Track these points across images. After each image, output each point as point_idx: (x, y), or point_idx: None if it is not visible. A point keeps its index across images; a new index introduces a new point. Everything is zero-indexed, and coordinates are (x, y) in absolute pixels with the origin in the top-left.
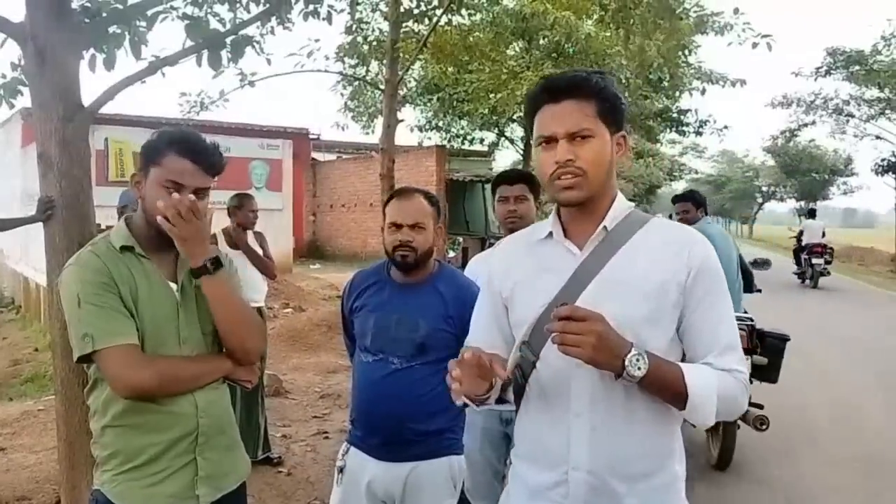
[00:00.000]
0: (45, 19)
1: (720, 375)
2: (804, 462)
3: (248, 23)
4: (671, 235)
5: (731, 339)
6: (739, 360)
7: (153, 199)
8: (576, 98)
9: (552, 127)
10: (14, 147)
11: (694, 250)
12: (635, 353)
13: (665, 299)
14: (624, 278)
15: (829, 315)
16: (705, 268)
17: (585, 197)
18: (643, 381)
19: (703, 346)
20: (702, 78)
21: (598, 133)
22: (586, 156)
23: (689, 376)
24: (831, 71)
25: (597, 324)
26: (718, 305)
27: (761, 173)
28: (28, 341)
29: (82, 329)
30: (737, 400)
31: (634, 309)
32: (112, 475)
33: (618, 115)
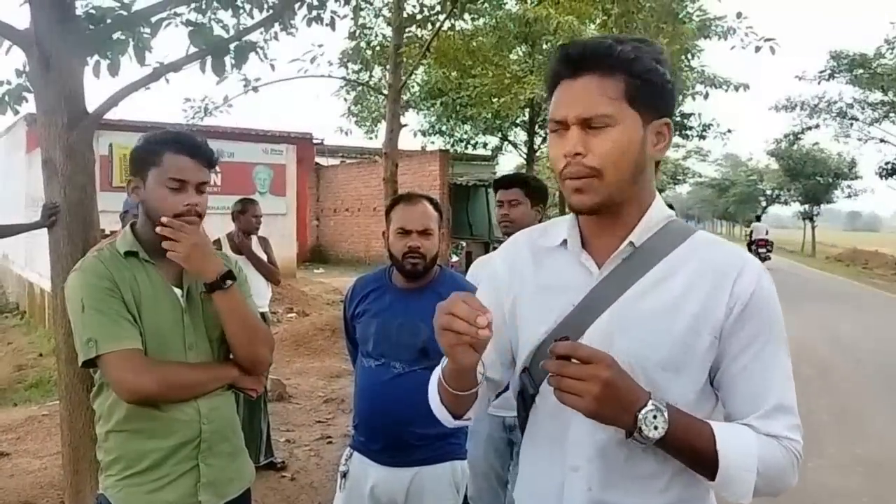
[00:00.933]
0: (50, 26)
1: (764, 442)
2: (807, 466)
3: (252, 29)
4: (714, 258)
5: (784, 398)
6: (792, 427)
7: (158, 200)
8: (597, 72)
9: (563, 109)
10: (19, 153)
11: (742, 281)
12: (652, 407)
13: (696, 342)
14: (647, 310)
15: (833, 318)
16: (755, 304)
17: (599, 204)
18: (661, 443)
19: (745, 404)
20: (705, 82)
21: (621, 120)
22: (601, 150)
23: (722, 441)
24: (835, 74)
25: (603, 368)
26: (769, 353)
27: (765, 177)
28: (32, 346)
29: (86, 334)
30: (784, 475)
31: (653, 350)
32: (115, 480)
33: (657, 97)
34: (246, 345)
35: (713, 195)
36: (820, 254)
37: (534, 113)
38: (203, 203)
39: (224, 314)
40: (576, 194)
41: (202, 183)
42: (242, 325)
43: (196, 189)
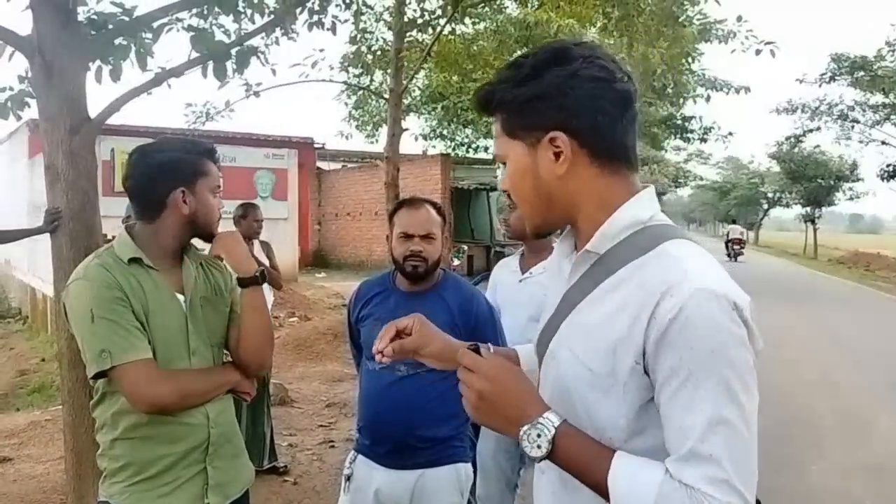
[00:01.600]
0: (52, 32)
1: (669, 489)
2: (811, 469)
3: (253, 34)
4: (648, 276)
5: (701, 446)
6: (711, 480)
7: (211, 208)
8: (494, 115)
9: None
10: (21, 158)
11: (665, 302)
12: (538, 426)
13: (617, 366)
14: (585, 324)
15: (836, 321)
16: (676, 332)
17: (532, 229)
18: (552, 460)
19: (668, 440)
20: (706, 85)
21: (508, 153)
22: (506, 185)
23: (615, 477)
24: (836, 77)
25: (477, 379)
26: (690, 392)
27: (766, 179)
28: (35, 351)
29: (99, 345)
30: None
31: (583, 367)
32: (123, 487)
33: (525, 118)
34: (258, 346)
35: (715, 198)
36: (822, 256)
37: None
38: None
39: (249, 311)
40: (510, 227)
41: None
42: (261, 326)
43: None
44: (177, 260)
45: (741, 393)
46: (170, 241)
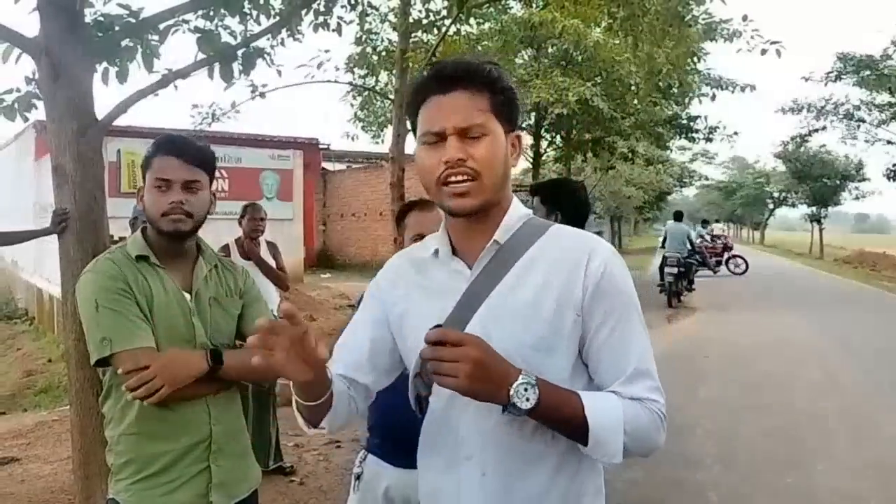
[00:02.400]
0: (59, 34)
1: (629, 405)
2: (817, 469)
3: (259, 35)
4: (566, 247)
5: (642, 364)
6: (651, 388)
7: (147, 202)
8: (468, 89)
9: (440, 121)
10: (28, 159)
11: (592, 263)
12: (523, 381)
13: (560, 324)
14: (514, 301)
15: (842, 321)
16: (606, 283)
17: (480, 205)
18: (534, 413)
19: (608, 373)
20: (711, 84)
21: (492, 130)
22: (480, 155)
23: (589, 407)
24: (842, 76)
25: (472, 348)
26: (624, 326)
27: (772, 179)
28: (42, 352)
29: (100, 333)
30: (649, 432)
31: (526, 336)
32: (127, 483)
33: (513, 111)
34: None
35: (720, 198)
36: (828, 256)
37: (540, 116)
38: (195, 202)
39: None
40: (458, 198)
41: (190, 181)
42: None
43: (184, 187)
44: (189, 260)
45: (644, 321)
46: (156, 236)
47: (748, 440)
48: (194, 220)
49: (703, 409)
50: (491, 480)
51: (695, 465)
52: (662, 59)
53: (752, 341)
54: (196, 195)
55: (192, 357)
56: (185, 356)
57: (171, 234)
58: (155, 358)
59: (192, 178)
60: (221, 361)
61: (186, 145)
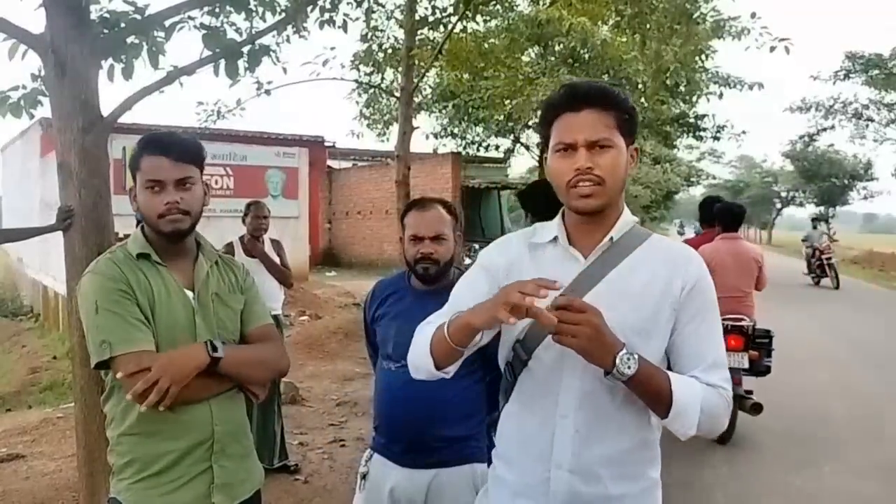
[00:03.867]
0: (65, 31)
1: (706, 389)
2: (825, 471)
3: (265, 32)
4: (670, 252)
5: (719, 357)
6: (725, 379)
7: (143, 204)
8: (596, 108)
9: (573, 134)
10: (33, 157)
11: (690, 269)
12: (627, 352)
13: (660, 314)
14: (623, 289)
15: (851, 321)
16: (699, 286)
17: (602, 205)
18: (631, 381)
19: (691, 360)
20: (719, 82)
21: (616, 144)
22: (605, 165)
23: (675, 384)
24: (850, 75)
25: (594, 316)
26: (708, 323)
27: (780, 178)
28: (46, 349)
29: (100, 336)
30: (719, 415)
31: (630, 319)
32: (128, 483)
33: (633, 128)
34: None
35: (727, 197)
36: (836, 256)
37: None
38: (190, 198)
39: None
40: (584, 199)
41: (183, 179)
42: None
43: (176, 186)
44: (190, 257)
45: None
46: (155, 237)
47: (755, 440)
48: (192, 217)
49: None
50: (583, 437)
51: (702, 465)
52: (670, 56)
53: None
54: (190, 191)
55: (191, 350)
56: (183, 351)
57: (169, 234)
58: (155, 359)
59: (184, 176)
60: (219, 352)
61: (173, 142)
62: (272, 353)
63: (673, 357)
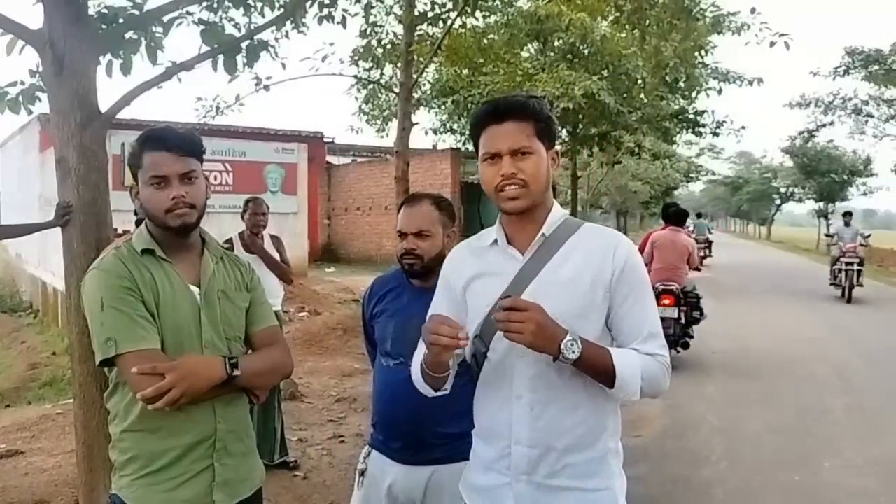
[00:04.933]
0: (63, 26)
1: (644, 358)
2: (824, 466)
3: (264, 27)
4: (598, 239)
5: (654, 328)
6: (661, 346)
7: (146, 201)
8: (516, 119)
9: (497, 144)
10: (32, 152)
11: (618, 253)
12: (570, 338)
13: (594, 296)
14: (558, 279)
15: (850, 318)
16: (628, 267)
17: (528, 206)
18: (577, 362)
19: (629, 334)
20: (718, 77)
21: (536, 150)
22: (528, 169)
23: (616, 358)
24: (850, 70)
25: (536, 313)
26: (641, 300)
27: (779, 174)
28: (46, 345)
29: (105, 333)
30: (658, 379)
31: (568, 305)
32: (130, 480)
33: (552, 134)
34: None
35: (726, 193)
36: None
37: None
38: (195, 192)
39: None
40: (511, 201)
41: (187, 173)
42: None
43: (181, 180)
44: (195, 253)
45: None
46: (160, 232)
47: (755, 436)
48: (198, 210)
49: (709, 406)
50: (538, 413)
51: (701, 461)
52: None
53: (758, 337)
54: (194, 185)
55: (210, 367)
56: (202, 366)
57: (177, 229)
58: (172, 368)
59: (188, 169)
60: (238, 370)
61: (173, 137)
62: (280, 359)
63: (614, 332)
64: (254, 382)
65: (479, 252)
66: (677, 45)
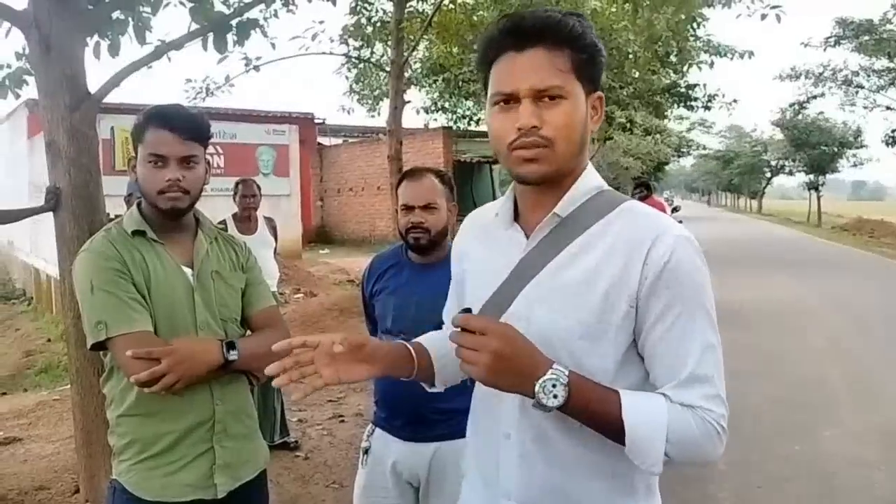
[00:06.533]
0: (49, 6)
1: (677, 412)
2: (823, 436)
3: (253, 5)
4: (636, 228)
5: (700, 369)
6: (709, 397)
7: (142, 177)
8: (546, 46)
9: (514, 82)
10: (21, 138)
11: (657, 249)
12: (552, 376)
13: (611, 312)
14: (565, 281)
15: (843, 288)
16: (669, 274)
17: (551, 174)
18: (564, 410)
19: (663, 372)
20: (710, 51)
21: (571, 93)
22: (556, 121)
23: (628, 409)
24: (840, 41)
25: (493, 339)
26: (684, 323)
27: (770, 147)
28: (40, 332)
29: (95, 316)
30: (701, 444)
31: (570, 320)
32: (129, 465)
33: (597, 71)
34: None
35: (717, 167)
36: (826, 224)
37: None
38: (192, 178)
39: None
40: (526, 164)
41: (187, 157)
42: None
43: (180, 163)
44: (188, 233)
45: (716, 320)
46: (152, 212)
47: (754, 408)
48: (191, 197)
49: None
50: (530, 461)
51: None
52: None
53: (753, 308)
54: (193, 170)
55: (206, 351)
56: (198, 350)
57: (167, 212)
58: (168, 352)
59: (189, 154)
60: (237, 353)
61: (181, 117)
62: (279, 341)
63: (647, 364)
64: (252, 365)
65: (485, 228)
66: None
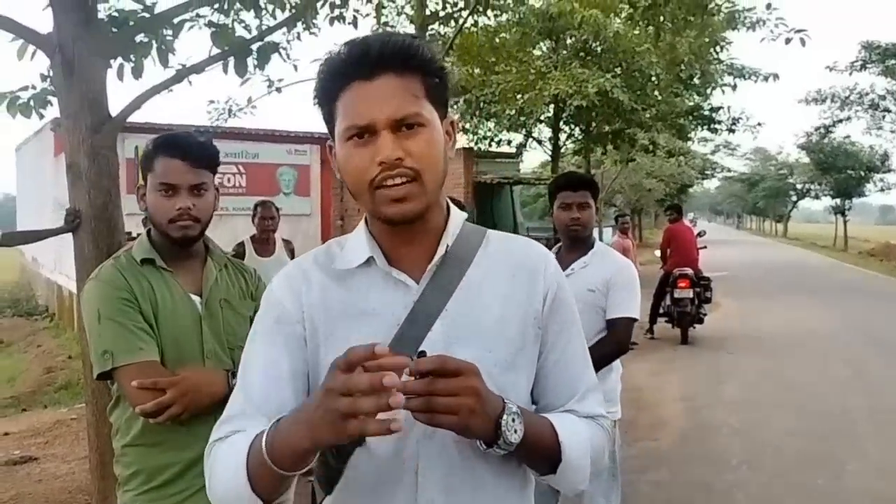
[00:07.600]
0: (73, 30)
1: (588, 427)
2: (847, 470)
3: (274, 29)
4: (519, 252)
5: (592, 378)
6: (601, 402)
7: (151, 206)
8: (397, 72)
9: (369, 113)
10: (47, 156)
11: (549, 271)
12: (511, 412)
13: (525, 338)
14: (476, 315)
15: (870, 315)
16: (561, 293)
17: (422, 210)
18: (520, 447)
19: (565, 390)
20: (734, 73)
21: (430, 120)
22: (419, 151)
23: (562, 434)
24: (867, 65)
25: (473, 378)
26: (576, 339)
27: (795, 171)
28: (62, 348)
29: (102, 346)
30: (603, 454)
31: (494, 353)
32: (133, 495)
33: (447, 94)
34: None
35: (742, 190)
36: (852, 249)
37: (558, 109)
38: (202, 205)
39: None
40: (395, 204)
41: (197, 184)
42: None
43: (190, 191)
44: (198, 261)
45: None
46: (162, 240)
47: (775, 440)
48: (202, 224)
49: (728, 408)
50: None
51: (721, 465)
52: (685, 48)
53: (777, 336)
54: (202, 198)
55: (212, 382)
56: (204, 381)
57: (178, 240)
58: (173, 383)
59: (199, 181)
60: None
61: (190, 145)
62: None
63: (540, 386)
64: None
65: (341, 276)
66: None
